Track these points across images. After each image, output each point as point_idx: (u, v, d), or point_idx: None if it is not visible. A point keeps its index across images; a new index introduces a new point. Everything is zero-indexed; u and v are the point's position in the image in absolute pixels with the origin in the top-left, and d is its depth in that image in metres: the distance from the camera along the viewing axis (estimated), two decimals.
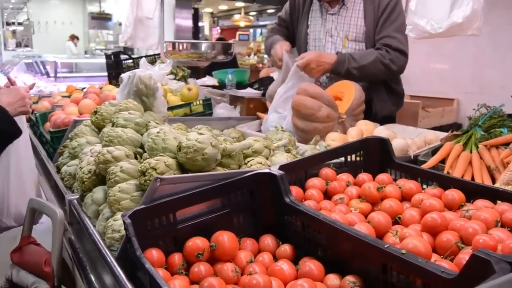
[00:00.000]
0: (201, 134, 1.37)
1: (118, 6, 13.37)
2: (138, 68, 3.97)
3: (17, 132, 1.88)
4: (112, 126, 1.75)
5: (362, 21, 2.60)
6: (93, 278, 1.31)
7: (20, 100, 1.98)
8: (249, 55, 13.15)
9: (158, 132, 1.47)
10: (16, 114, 1.94)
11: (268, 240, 1.26)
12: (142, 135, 1.69)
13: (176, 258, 1.16)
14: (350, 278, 1.04)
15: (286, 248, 1.22)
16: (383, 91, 2.69)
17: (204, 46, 2.88)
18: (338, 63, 2.47)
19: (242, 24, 15.22)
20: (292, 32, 2.96)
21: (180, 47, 2.86)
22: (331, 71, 2.52)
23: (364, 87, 2.46)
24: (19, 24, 15.24)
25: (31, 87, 2.22)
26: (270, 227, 1.30)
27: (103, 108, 1.97)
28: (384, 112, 2.67)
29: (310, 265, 1.10)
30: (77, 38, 15.52)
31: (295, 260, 1.17)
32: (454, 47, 4.53)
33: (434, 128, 2.65)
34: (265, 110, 2.69)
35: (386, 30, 2.54)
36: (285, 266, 1.11)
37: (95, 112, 1.96)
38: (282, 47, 2.67)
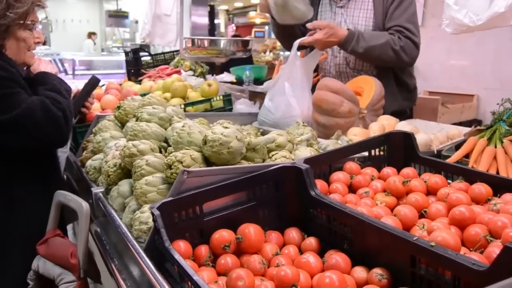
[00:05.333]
0: (226, 127, 1.39)
1: (135, 3, 13.45)
2: (158, 65, 4.02)
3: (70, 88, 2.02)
4: (136, 120, 1.77)
5: (371, 12, 2.56)
6: (121, 269, 1.33)
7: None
8: (264, 52, 13.10)
9: (183, 126, 1.48)
10: None
11: (293, 233, 1.27)
12: (165, 129, 1.71)
13: (203, 250, 1.18)
14: (377, 271, 1.04)
15: (311, 241, 1.23)
16: (392, 84, 2.60)
17: (223, 42, 2.89)
18: (346, 42, 2.41)
19: (257, 21, 15.19)
20: (298, 30, 2.93)
21: (199, 43, 2.87)
22: (339, 46, 2.48)
23: None
24: None
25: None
26: (295, 220, 1.31)
27: (126, 103, 2.00)
28: (393, 107, 2.53)
29: (337, 257, 1.10)
30: (94, 34, 15.69)
31: (320, 253, 1.18)
32: (474, 43, 4.47)
33: (454, 124, 2.62)
34: None
35: (396, 20, 2.48)
36: (311, 258, 1.12)
37: (119, 107, 1.99)
38: None
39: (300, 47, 2.47)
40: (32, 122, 1.67)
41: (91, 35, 15.53)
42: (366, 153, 1.57)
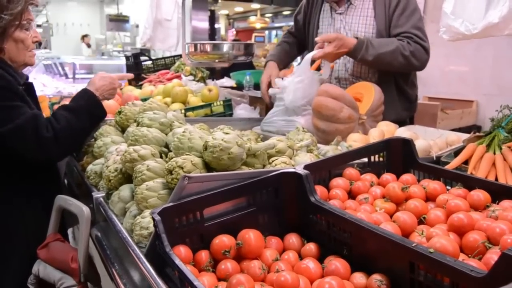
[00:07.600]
0: (226, 133, 1.39)
1: (135, 8, 13.48)
2: (158, 70, 4.02)
3: (104, 114, 2.03)
4: (137, 125, 1.78)
5: (372, 19, 2.55)
6: (121, 274, 1.34)
7: (110, 86, 2.11)
8: (264, 57, 13.10)
9: (183, 132, 1.49)
10: (103, 99, 2.08)
11: (293, 238, 1.28)
12: (166, 134, 1.72)
13: (203, 255, 1.18)
14: (376, 277, 1.04)
15: (311, 247, 1.23)
16: (393, 92, 2.60)
17: (226, 47, 2.89)
18: (355, 50, 2.40)
19: (258, 25, 15.24)
20: (303, 35, 2.95)
21: (202, 48, 2.87)
22: (348, 55, 2.48)
23: None
24: (38, 26, 15.43)
25: (124, 77, 2.36)
26: (295, 226, 1.31)
27: (127, 108, 2.01)
28: (392, 116, 2.47)
29: (336, 263, 1.11)
30: (86, 36, 15.74)
31: (320, 259, 1.18)
32: (473, 49, 4.49)
33: (453, 130, 2.62)
34: None
35: (403, 27, 2.46)
36: (311, 264, 1.12)
37: (119, 112, 2.00)
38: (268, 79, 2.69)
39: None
40: (20, 139, 1.70)
41: (84, 37, 15.57)
42: (365, 159, 1.58)
